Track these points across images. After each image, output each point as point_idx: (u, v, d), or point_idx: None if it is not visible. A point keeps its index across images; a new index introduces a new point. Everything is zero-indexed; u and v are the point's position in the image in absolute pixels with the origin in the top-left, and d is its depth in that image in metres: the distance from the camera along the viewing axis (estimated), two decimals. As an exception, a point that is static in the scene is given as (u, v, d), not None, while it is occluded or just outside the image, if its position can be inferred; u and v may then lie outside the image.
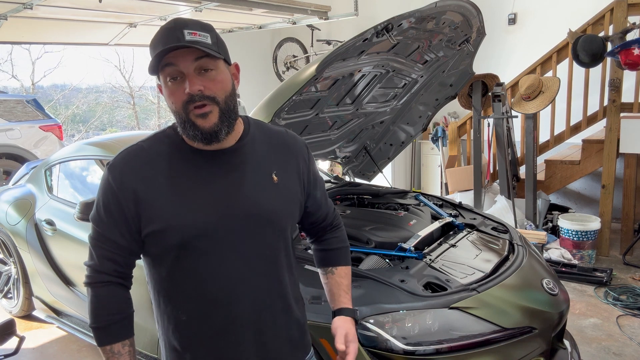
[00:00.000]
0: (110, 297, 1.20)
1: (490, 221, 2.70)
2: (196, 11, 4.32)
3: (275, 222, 1.24)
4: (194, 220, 1.15)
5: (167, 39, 1.09)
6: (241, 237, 1.19)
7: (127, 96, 14.51)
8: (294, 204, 1.30)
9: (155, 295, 1.25)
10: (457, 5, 2.31)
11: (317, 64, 1.98)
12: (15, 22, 4.26)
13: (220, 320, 1.21)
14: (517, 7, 5.76)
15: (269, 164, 1.26)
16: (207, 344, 1.22)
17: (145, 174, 1.17)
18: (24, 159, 6.13)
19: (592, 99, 4.56)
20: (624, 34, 4.05)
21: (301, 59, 6.95)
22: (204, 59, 1.12)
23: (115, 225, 1.17)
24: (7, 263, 3.61)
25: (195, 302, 1.20)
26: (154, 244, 1.18)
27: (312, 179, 1.36)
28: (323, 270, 1.46)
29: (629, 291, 3.63)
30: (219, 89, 1.14)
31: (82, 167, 3.09)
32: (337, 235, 1.48)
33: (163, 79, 1.14)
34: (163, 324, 1.26)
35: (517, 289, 1.98)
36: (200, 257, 1.17)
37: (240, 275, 1.20)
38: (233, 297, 1.20)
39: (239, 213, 1.18)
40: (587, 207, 5.54)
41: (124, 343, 1.20)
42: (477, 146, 4.64)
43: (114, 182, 1.16)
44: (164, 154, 1.20)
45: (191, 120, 1.13)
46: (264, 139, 1.29)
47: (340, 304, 1.40)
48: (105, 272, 1.19)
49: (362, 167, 3.62)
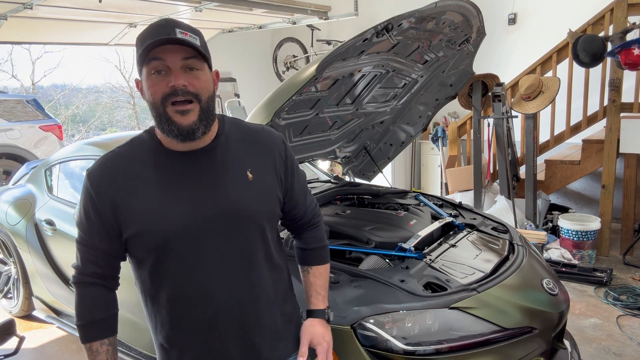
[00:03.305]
0: (92, 298, 1.25)
1: (490, 221, 2.70)
2: (196, 11, 4.32)
3: (251, 220, 1.25)
4: (169, 222, 1.18)
5: (158, 34, 1.11)
6: (217, 236, 1.21)
7: (127, 96, 14.51)
8: (270, 201, 1.30)
9: (143, 295, 1.29)
10: (457, 5, 2.31)
11: (317, 64, 1.97)
12: (15, 22, 4.26)
13: (201, 318, 1.24)
14: (517, 7, 5.76)
15: (244, 162, 1.27)
16: (192, 340, 1.25)
17: (121, 180, 1.19)
18: (24, 159, 6.12)
19: (592, 99, 4.56)
20: (624, 34, 4.05)
21: (301, 59, 6.95)
22: (192, 59, 1.14)
23: (95, 231, 1.22)
24: (7, 263, 3.61)
25: (176, 301, 1.23)
26: (135, 247, 1.22)
27: (290, 175, 1.36)
28: (301, 267, 1.49)
29: (629, 291, 3.63)
30: (203, 87, 1.16)
31: (82, 167, 3.09)
32: (315, 235, 1.48)
33: (147, 71, 1.14)
34: (151, 323, 1.31)
35: (517, 289, 1.98)
36: (178, 257, 1.20)
37: (218, 274, 1.22)
38: (212, 295, 1.23)
39: (214, 212, 1.20)
40: (587, 207, 5.54)
41: (102, 342, 1.25)
42: (477, 146, 4.63)
43: (92, 189, 1.20)
44: (140, 159, 1.22)
45: (168, 114, 1.14)
46: (239, 137, 1.30)
47: (311, 305, 1.43)
48: (87, 274, 1.25)
49: (362, 167, 3.62)
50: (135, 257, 1.25)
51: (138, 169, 1.21)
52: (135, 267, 1.27)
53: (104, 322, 1.25)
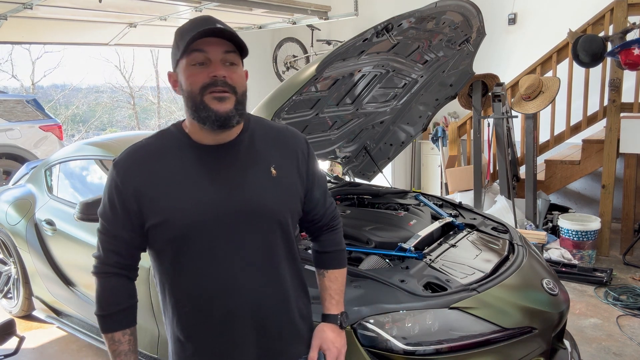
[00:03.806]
0: (113, 288, 1.26)
1: (490, 221, 2.70)
2: (196, 11, 4.31)
3: (272, 215, 1.26)
4: (191, 214, 1.19)
5: (202, 26, 1.14)
6: (238, 231, 1.22)
7: (127, 96, 14.52)
8: (293, 198, 1.32)
9: (161, 287, 1.30)
10: (457, 5, 2.31)
11: (317, 64, 1.98)
12: (15, 22, 4.26)
13: (220, 312, 1.24)
14: (517, 7, 5.76)
15: (268, 158, 1.29)
16: (208, 335, 1.26)
17: (146, 170, 1.22)
18: (24, 159, 6.13)
19: (592, 99, 4.56)
20: (624, 34, 4.05)
21: (301, 59, 6.95)
22: (232, 54, 1.18)
23: (119, 220, 1.23)
24: (7, 263, 3.61)
25: (196, 294, 1.24)
26: (156, 238, 1.23)
27: (311, 176, 1.38)
28: (317, 271, 1.48)
29: (629, 291, 3.63)
30: (239, 82, 1.21)
31: (82, 167, 3.09)
32: (333, 238, 1.48)
33: (187, 62, 1.17)
34: (168, 316, 1.31)
35: (517, 289, 1.98)
36: (198, 250, 1.21)
37: (237, 268, 1.23)
38: (231, 289, 1.23)
39: (236, 206, 1.22)
40: (587, 207, 5.54)
41: (124, 332, 1.26)
42: (477, 146, 4.64)
43: (118, 178, 1.22)
44: (166, 151, 1.25)
45: (205, 102, 1.17)
46: (263, 134, 1.32)
47: (325, 310, 1.44)
48: (109, 264, 1.26)
49: (362, 167, 3.62)
50: (155, 248, 1.26)
51: (164, 161, 1.23)
52: (155, 258, 1.28)
53: (126, 311, 1.27)
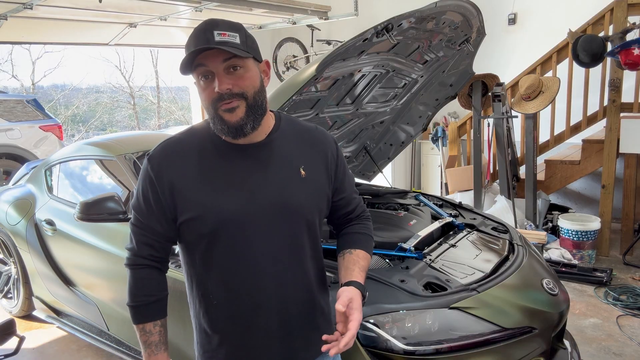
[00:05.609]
0: (145, 280, 1.29)
1: (490, 221, 2.70)
2: (196, 11, 4.31)
3: (301, 215, 1.29)
4: (224, 211, 1.22)
5: (198, 41, 1.16)
6: (267, 228, 1.25)
7: (127, 96, 14.52)
8: (320, 198, 1.34)
9: (189, 279, 1.33)
10: (457, 5, 2.31)
11: (317, 64, 1.98)
12: (15, 22, 4.26)
13: (247, 306, 1.27)
14: (517, 7, 5.76)
15: (298, 159, 1.31)
16: (235, 328, 1.28)
17: (180, 165, 1.25)
18: (24, 159, 6.13)
19: (592, 99, 4.56)
20: (624, 34, 4.05)
21: (301, 59, 6.95)
22: (232, 59, 1.18)
23: (152, 213, 1.26)
24: (7, 263, 3.61)
25: (224, 288, 1.27)
26: (188, 232, 1.26)
27: (341, 174, 1.41)
28: (342, 253, 1.40)
29: (629, 291, 3.63)
30: (248, 85, 1.20)
31: (82, 167, 3.09)
32: (365, 224, 1.49)
33: (196, 77, 1.21)
34: (195, 307, 1.33)
35: (517, 289, 1.98)
36: (229, 245, 1.24)
37: (265, 265, 1.26)
38: (259, 284, 1.26)
39: (266, 205, 1.24)
40: (587, 207, 5.54)
41: (155, 323, 1.29)
42: (477, 146, 4.64)
43: (152, 172, 1.25)
44: (199, 147, 1.27)
45: (219, 115, 1.20)
46: (293, 134, 1.35)
47: (352, 277, 1.30)
48: (142, 256, 1.29)
49: (362, 167, 3.62)
50: (186, 241, 1.29)
51: (197, 157, 1.25)
52: (185, 252, 1.31)
53: (158, 303, 1.30)
